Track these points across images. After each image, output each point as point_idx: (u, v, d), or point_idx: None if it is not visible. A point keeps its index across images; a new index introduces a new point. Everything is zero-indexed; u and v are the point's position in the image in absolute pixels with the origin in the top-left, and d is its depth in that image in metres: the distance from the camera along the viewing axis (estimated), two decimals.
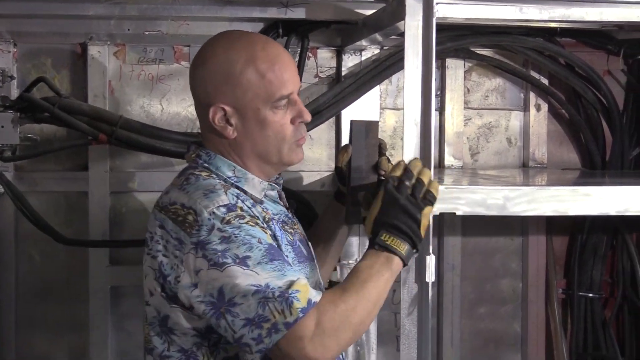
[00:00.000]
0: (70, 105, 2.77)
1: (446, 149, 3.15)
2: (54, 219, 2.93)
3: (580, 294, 3.18)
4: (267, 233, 2.00)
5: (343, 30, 2.97)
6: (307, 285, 1.92)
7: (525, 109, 3.22)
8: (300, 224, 2.29)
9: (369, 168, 2.31)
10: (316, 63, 3.07)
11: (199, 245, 1.93)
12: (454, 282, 3.16)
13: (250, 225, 1.96)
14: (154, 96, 3.00)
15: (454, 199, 2.17)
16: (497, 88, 3.21)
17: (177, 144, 2.76)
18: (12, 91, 2.90)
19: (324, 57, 3.07)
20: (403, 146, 2.14)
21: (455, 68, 3.14)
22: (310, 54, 3.04)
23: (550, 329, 3.22)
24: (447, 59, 3.12)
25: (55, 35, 2.92)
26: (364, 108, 3.04)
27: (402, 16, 2.13)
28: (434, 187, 2.08)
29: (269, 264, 1.91)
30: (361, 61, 3.04)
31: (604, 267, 3.20)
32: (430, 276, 2.13)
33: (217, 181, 2.06)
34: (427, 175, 2.08)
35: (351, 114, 3.00)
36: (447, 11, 2.26)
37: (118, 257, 2.97)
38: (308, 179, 3.05)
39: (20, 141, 2.87)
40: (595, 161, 3.16)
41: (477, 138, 3.21)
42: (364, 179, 2.31)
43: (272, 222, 2.09)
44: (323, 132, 3.07)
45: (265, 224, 2.04)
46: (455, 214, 2.18)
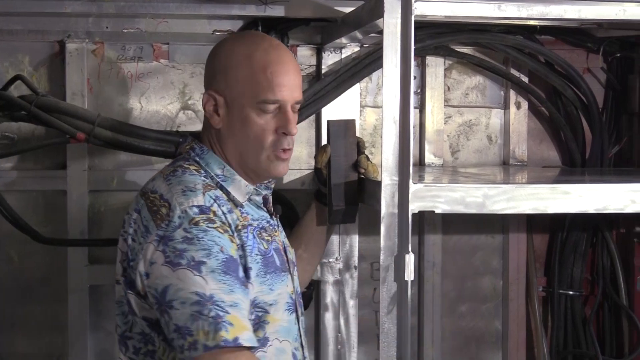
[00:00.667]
0: (47, 103, 2.75)
1: (426, 147, 3.14)
2: (33, 218, 2.90)
3: (561, 291, 3.19)
4: (234, 243, 1.99)
5: (323, 28, 2.97)
6: (245, 327, 1.89)
7: (506, 106, 3.22)
8: (283, 231, 2.28)
9: (348, 167, 2.32)
10: (296, 61, 3.05)
11: (162, 240, 1.95)
12: (434, 280, 3.15)
13: (218, 231, 1.96)
14: (133, 94, 2.99)
15: (433, 197, 2.16)
16: (477, 86, 3.21)
17: (156, 142, 2.74)
18: None
19: (304, 54, 3.06)
20: (382, 144, 2.14)
21: (436, 66, 3.14)
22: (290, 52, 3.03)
23: (530, 327, 3.23)
24: (427, 57, 3.12)
25: (32, 33, 2.90)
26: (344, 106, 3.03)
27: (380, 14, 2.13)
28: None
29: (221, 275, 1.91)
30: (341, 59, 3.04)
31: (584, 265, 3.21)
32: (409, 275, 2.12)
33: (202, 179, 2.06)
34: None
35: (331, 112, 2.99)
36: (426, 9, 2.25)
37: (97, 256, 2.95)
38: (288, 177, 3.04)
39: None
40: (575, 159, 3.16)
41: (457, 136, 3.21)
42: (344, 177, 2.31)
43: (248, 228, 2.08)
44: (303, 130, 3.06)
45: (236, 232, 2.03)
46: (434, 212, 2.18)
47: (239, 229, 2.05)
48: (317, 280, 3.00)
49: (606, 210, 2.24)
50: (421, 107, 3.15)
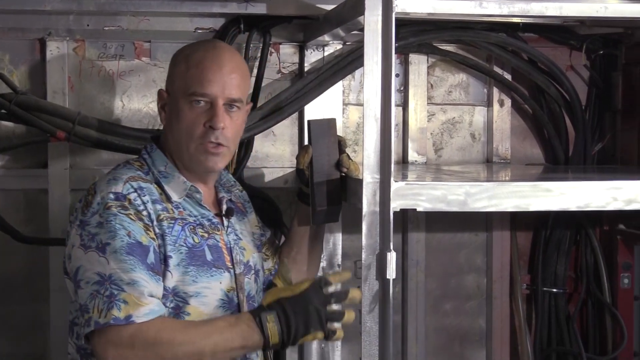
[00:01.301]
0: (27, 101, 2.73)
1: (410, 145, 3.14)
2: (14, 217, 2.88)
3: (545, 289, 3.19)
4: (149, 233, 2.09)
5: (305, 26, 2.96)
6: (141, 304, 2.00)
7: (489, 104, 3.22)
8: (236, 233, 2.31)
9: (330, 166, 2.32)
10: (279, 58, 3.05)
11: (81, 224, 2.10)
12: (418, 278, 3.15)
13: (130, 218, 2.08)
14: (115, 93, 2.97)
15: (414, 195, 2.16)
16: (460, 83, 3.21)
17: (136, 140, 2.73)
18: None
19: (287, 52, 3.06)
20: (363, 141, 2.13)
21: (419, 63, 3.14)
22: (273, 50, 3.02)
23: (514, 325, 3.23)
24: (410, 55, 3.12)
25: (12, 30, 2.88)
26: (326, 104, 3.02)
27: (361, 11, 2.12)
28: (350, 316, 2.17)
29: (123, 255, 2.03)
30: (324, 57, 3.03)
31: (568, 263, 3.21)
32: (391, 273, 2.12)
33: (136, 173, 2.18)
34: (355, 298, 2.16)
35: (314, 109, 2.99)
36: (407, 6, 2.24)
37: None
38: (270, 175, 3.04)
39: None
40: (559, 156, 3.16)
41: (440, 134, 3.21)
42: (326, 177, 2.30)
43: (177, 221, 2.16)
44: (286, 128, 3.06)
45: (157, 222, 2.12)
46: (416, 210, 2.17)
47: (161, 219, 2.14)
48: None
49: (588, 207, 2.24)
50: (404, 105, 3.14)
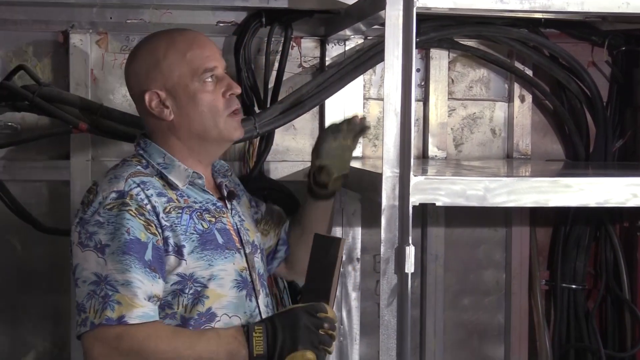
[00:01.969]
0: (50, 93, 2.75)
1: (430, 140, 3.14)
2: (36, 208, 2.92)
3: (564, 285, 3.18)
4: (150, 228, 2.10)
5: (326, 20, 2.96)
6: (134, 305, 2.03)
7: (510, 100, 3.21)
8: (240, 214, 2.35)
9: (319, 289, 2.28)
10: (300, 53, 3.06)
11: (81, 222, 2.12)
12: (437, 273, 3.15)
13: (130, 214, 2.09)
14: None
15: (434, 189, 2.16)
16: (481, 79, 3.21)
17: None
18: None
19: (308, 46, 3.06)
20: (383, 136, 2.13)
21: (440, 58, 3.14)
22: (294, 44, 3.03)
23: (533, 320, 3.22)
24: (431, 50, 3.12)
25: (36, 23, 2.90)
26: (347, 98, 3.03)
27: (382, 5, 2.12)
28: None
29: (119, 256, 2.05)
30: (345, 51, 3.04)
31: (587, 259, 3.20)
32: (409, 267, 2.12)
33: (137, 168, 2.19)
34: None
35: (335, 103, 3.00)
36: (428, 1, 2.23)
37: None
38: (291, 169, 3.05)
39: (1, 130, 2.86)
40: (579, 153, 3.15)
41: (461, 129, 3.21)
42: (315, 295, 2.27)
43: (184, 210, 2.18)
44: (306, 122, 3.07)
45: (164, 214, 2.14)
46: (435, 204, 2.17)
47: (168, 211, 2.15)
48: None
49: (607, 204, 2.23)
50: (425, 100, 3.15)
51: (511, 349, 3.22)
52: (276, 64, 2.96)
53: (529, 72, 3.17)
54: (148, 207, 2.12)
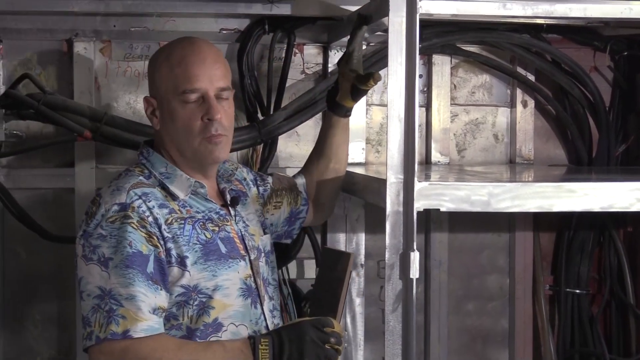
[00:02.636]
0: (54, 101, 2.76)
1: (433, 145, 3.15)
2: (41, 215, 2.92)
3: (568, 290, 3.19)
4: (152, 240, 2.10)
5: (329, 27, 2.97)
6: (139, 319, 2.04)
7: (512, 105, 3.22)
8: (244, 221, 2.34)
9: (326, 302, 2.30)
10: (303, 59, 3.07)
11: (84, 235, 2.13)
12: (441, 278, 3.16)
13: (132, 227, 2.10)
14: (140, 92, 2.99)
15: (438, 195, 2.16)
16: (483, 84, 3.21)
17: None
18: None
19: (311, 53, 3.08)
20: (387, 142, 2.14)
21: (442, 64, 3.15)
22: (297, 50, 3.04)
23: (537, 326, 3.23)
24: (433, 55, 3.13)
25: (41, 31, 2.92)
26: None
27: (385, 12, 2.14)
28: None
29: (122, 270, 2.06)
30: None
31: (591, 264, 3.21)
32: (414, 272, 2.13)
33: (139, 179, 2.19)
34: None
35: None
36: (431, 7, 2.25)
37: None
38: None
39: (6, 138, 2.86)
40: (582, 157, 3.16)
41: (464, 134, 3.21)
42: (320, 305, 2.29)
43: (186, 220, 2.18)
44: (309, 128, 3.07)
45: (166, 226, 2.13)
46: (439, 210, 2.18)
47: (170, 222, 2.15)
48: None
49: (611, 208, 2.24)
50: (428, 106, 3.15)
51: (515, 354, 3.23)
52: (279, 71, 2.97)
53: (532, 78, 3.18)
54: (150, 219, 2.13)
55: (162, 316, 2.11)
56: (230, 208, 2.32)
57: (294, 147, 3.09)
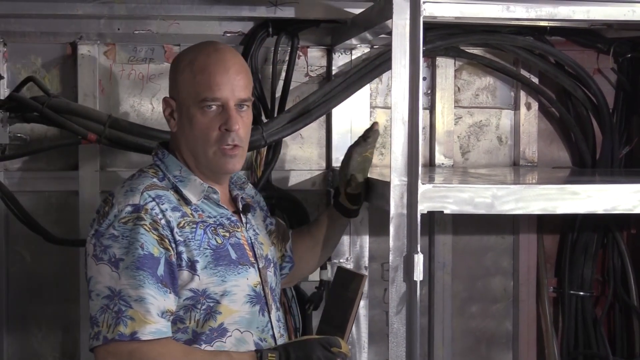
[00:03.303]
0: (59, 104, 2.77)
1: (437, 148, 3.15)
2: (45, 218, 2.92)
3: (571, 292, 3.18)
4: (164, 243, 2.11)
5: (333, 29, 2.98)
6: (147, 321, 2.04)
7: (516, 107, 3.22)
8: (254, 228, 2.34)
9: (336, 321, 2.32)
10: (306, 62, 3.07)
11: (96, 234, 2.13)
12: (444, 280, 3.16)
13: (144, 229, 2.10)
14: (145, 95, 3.01)
15: (442, 197, 2.17)
16: (487, 87, 3.22)
17: None
18: (2, 91, 2.90)
19: (315, 56, 3.08)
20: (391, 144, 2.14)
21: (446, 67, 3.15)
22: (301, 53, 3.05)
23: (541, 328, 3.23)
24: (437, 58, 3.13)
25: (45, 34, 2.92)
26: (354, 107, 3.05)
27: (389, 15, 2.14)
28: None
29: (133, 271, 2.07)
30: (351, 60, 3.05)
31: (595, 266, 3.21)
32: (418, 275, 2.13)
33: (152, 181, 2.19)
34: None
35: (341, 112, 3.02)
36: (435, 10, 2.26)
37: None
38: (298, 177, 3.06)
39: (10, 141, 2.87)
40: (586, 160, 3.16)
41: (467, 137, 3.21)
42: (329, 322, 2.30)
43: (198, 225, 2.18)
44: (314, 131, 3.08)
45: (178, 229, 2.14)
46: (443, 212, 2.18)
47: (182, 226, 2.16)
48: (328, 281, 3.01)
49: (615, 210, 2.24)
50: (431, 108, 3.16)
51: (519, 357, 3.22)
52: (283, 74, 2.97)
53: (535, 80, 3.18)
54: (162, 221, 2.13)
55: (170, 319, 2.11)
56: (242, 215, 2.32)
57: (297, 149, 3.09)
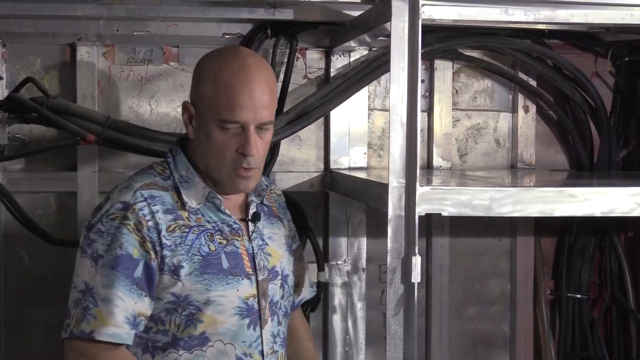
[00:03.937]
0: (58, 105, 2.77)
1: (435, 150, 3.16)
2: (43, 219, 2.93)
3: (569, 295, 3.19)
4: (146, 245, 2.05)
5: (332, 32, 2.98)
6: (107, 323, 2.00)
7: (514, 110, 3.23)
8: (261, 238, 2.22)
9: None
10: (305, 64, 3.07)
11: (87, 226, 2.11)
12: (442, 283, 3.16)
13: (128, 229, 2.06)
14: (143, 97, 3.01)
15: (440, 199, 2.17)
16: (485, 89, 3.22)
17: (165, 144, 2.76)
18: (1, 91, 2.91)
19: (313, 58, 3.08)
20: (389, 146, 2.15)
21: (444, 69, 3.15)
22: (299, 55, 3.05)
23: (538, 330, 3.23)
24: (435, 60, 3.14)
25: (44, 35, 2.93)
26: (352, 109, 3.05)
27: (388, 17, 2.14)
28: None
29: (108, 270, 2.03)
30: (350, 62, 3.06)
31: (592, 268, 3.22)
32: (416, 277, 2.13)
33: (154, 179, 2.14)
34: None
35: (340, 114, 3.02)
36: (433, 12, 2.26)
37: None
38: (296, 179, 3.06)
39: (9, 141, 2.88)
40: (583, 163, 3.17)
41: (465, 139, 3.22)
42: None
43: (191, 229, 2.11)
44: (312, 133, 3.08)
45: (167, 232, 2.07)
46: (441, 214, 2.19)
47: (171, 229, 2.09)
48: (326, 283, 3.01)
49: (612, 213, 2.25)
50: (429, 111, 3.16)
51: (516, 359, 3.23)
52: (282, 75, 2.98)
53: (533, 83, 3.19)
54: (150, 223, 2.07)
55: (140, 324, 2.05)
56: (249, 223, 2.21)
57: (296, 151, 3.10)
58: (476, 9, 2.34)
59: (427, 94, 3.16)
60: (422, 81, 3.12)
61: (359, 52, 3.06)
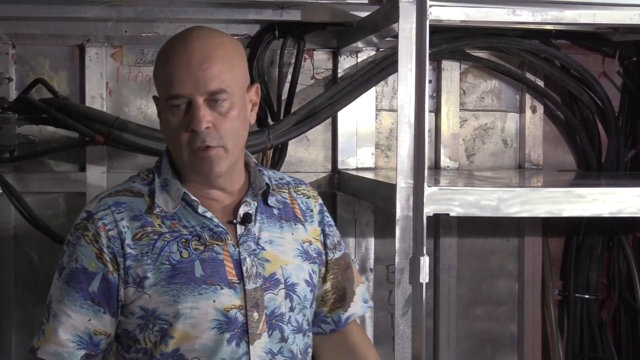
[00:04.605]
0: (67, 106, 2.79)
1: (442, 151, 3.16)
2: (52, 219, 2.94)
3: (577, 295, 3.19)
4: (103, 257, 1.88)
5: (339, 32, 2.99)
6: (50, 340, 1.89)
7: (521, 110, 3.23)
8: (254, 241, 1.94)
9: None
10: (312, 65, 3.08)
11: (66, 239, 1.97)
12: (450, 283, 3.17)
13: (85, 240, 1.89)
14: (152, 98, 3.01)
15: (447, 200, 2.18)
16: (492, 90, 3.22)
17: None
18: (11, 93, 2.91)
19: (320, 58, 3.09)
20: (397, 147, 2.15)
21: (451, 70, 3.16)
22: (307, 56, 3.06)
23: (546, 331, 3.23)
24: (442, 61, 3.14)
25: (53, 37, 2.94)
26: (360, 109, 3.06)
27: (395, 18, 2.15)
28: None
29: (62, 284, 1.91)
30: (357, 63, 3.06)
31: (600, 269, 3.21)
32: (424, 277, 2.14)
33: (126, 186, 1.97)
34: None
35: (347, 115, 3.03)
36: (441, 13, 2.27)
37: None
38: (304, 179, 3.03)
39: (19, 142, 2.88)
40: (591, 163, 3.17)
41: (473, 139, 3.22)
42: None
43: (161, 236, 1.90)
44: (319, 133, 3.09)
45: (133, 242, 1.89)
46: (449, 215, 2.19)
47: (138, 237, 1.90)
48: None
49: (621, 214, 2.25)
50: (437, 111, 3.17)
51: (524, 359, 3.23)
52: (289, 76, 2.99)
53: (540, 83, 3.19)
54: (111, 232, 1.88)
55: (100, 343, 1.91)
56: (238, 226, 1.94)
57: (303, 152, 3.10)
58: (484, 10, 2.35)
59: (434, 95, 3.16)
60: (430, 81, 3.12)
61: (367, 53, 3.06)
